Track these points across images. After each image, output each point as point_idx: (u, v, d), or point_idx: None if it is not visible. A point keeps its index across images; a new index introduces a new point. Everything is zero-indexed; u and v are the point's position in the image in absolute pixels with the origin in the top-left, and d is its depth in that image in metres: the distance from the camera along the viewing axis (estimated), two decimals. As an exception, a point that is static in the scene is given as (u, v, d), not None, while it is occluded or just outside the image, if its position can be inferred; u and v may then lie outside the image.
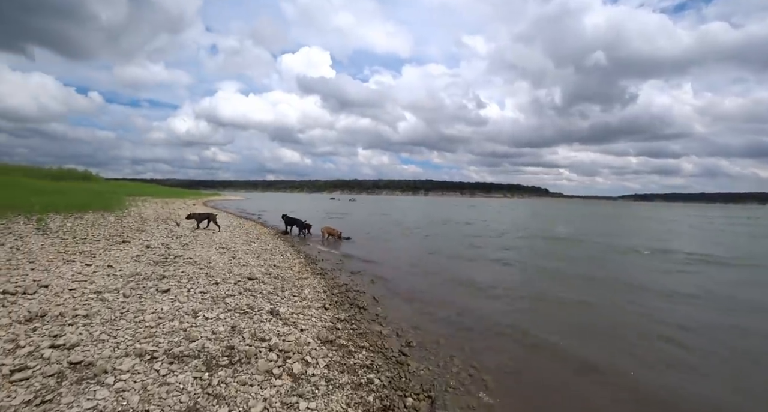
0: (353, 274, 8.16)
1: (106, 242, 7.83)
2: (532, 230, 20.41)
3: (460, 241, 14.71)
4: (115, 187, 38.27)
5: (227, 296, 5.04)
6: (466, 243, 13.95)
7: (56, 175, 35.47)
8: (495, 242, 14.65)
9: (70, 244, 7.19)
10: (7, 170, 28.88)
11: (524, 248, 13.64)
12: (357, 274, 8.18)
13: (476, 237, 16.24)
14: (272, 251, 9.54)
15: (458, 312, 5.90)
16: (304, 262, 8.75)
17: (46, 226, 8.47)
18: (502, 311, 6.12)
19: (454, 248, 12.67)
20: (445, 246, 13.18)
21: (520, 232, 19.48)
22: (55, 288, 4.63)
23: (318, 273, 7.67)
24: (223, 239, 10.38)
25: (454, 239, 15.26)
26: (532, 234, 18.57)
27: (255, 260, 7.90)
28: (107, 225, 9.77)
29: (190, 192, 70.86)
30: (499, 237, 16.61)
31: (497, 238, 16.29)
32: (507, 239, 16.06)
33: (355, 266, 9.03)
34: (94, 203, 14.10)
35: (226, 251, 8.34)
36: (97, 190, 28.57)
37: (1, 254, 6.03)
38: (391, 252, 11.67)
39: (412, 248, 12.75)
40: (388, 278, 8.02)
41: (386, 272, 8.70)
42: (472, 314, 5.82)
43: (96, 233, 8.59)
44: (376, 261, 9.95)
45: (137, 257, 6.68)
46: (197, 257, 7.29)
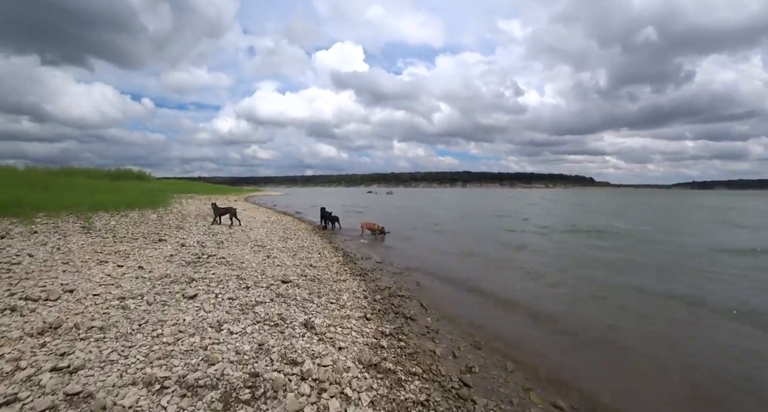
0: (396, 275, 7.42)
1: (143, 240, 7.68)
2: (580, 224, 18.10)
3: (504, 237, 13.40)
4: (166, 185, 40.46)
5: (257, 303, 4.48)
6: (512, 240, 12.64)
7: (114, 176, 38.05)
8: (543, 240, 13.21)
9: (109, 243, 7.06)
10: (72, 172, 31.27)
11: (577, 245, 11.90)
12: (400, 275, 7.43)
13: (521, 232, 14.83)
14: (309, 248, 9.03)
15: (521, 324, 4.97)
16: (342, 261, 8.14)
17: (91, 224, 8.51)
18: (582, 326, 5.09)
19: (498, 246, 11.52)
20: (489, 243, 12.05)
21: (566, 226, 17.43)
22: (79, 293, 4.30)
23: (357, 274, 7.01)
24: (260, 235, 10.05)
25: (497, 235, 14.01)
26: (581, 228, 16.35)
27: (290, 259, 7.39)
28: (148, 223, 9.76)
29: (233, 189, 73.93)
30: (546, 233, 14.81)
31: (544, 234, 14.55)
32: (556, 234, 14.34)
33: (398, 265, 8.28)
34: (142, 201, 14.49)
35: (261, 250, 7.91)
36: (148, 188, 30.16)
37: (40, 253, 5.94)
38: (434, 249, 10.80)
39: (455, 244, 11.78)
40: (434, 279, 7.20)
41: (431, 272, 7.88)
42: (539, 329, 4.87)
43: (136, 231, 8.52)
44: (420, 259, 9.15)
45: (170, 257, 6.36)
46: (231, 256, 6.89)
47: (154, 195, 20.04)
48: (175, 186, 41.09)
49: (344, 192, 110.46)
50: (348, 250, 9.87)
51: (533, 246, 11.24)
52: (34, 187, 15.11)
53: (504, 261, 9.07)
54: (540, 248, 10.88)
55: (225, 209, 11.71)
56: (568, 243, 12.06)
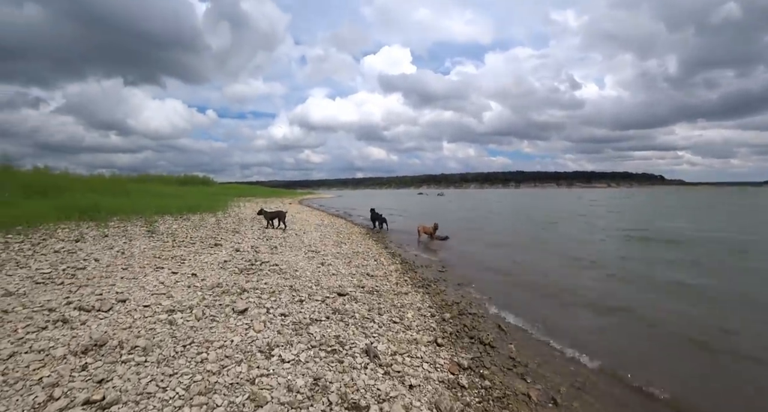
0: (461, 286, 6.58)
1: (200, 244, 7.64)
2: (657, 229, 14.92)
3: (571, 245, 11.70)
4: (227, 189, 43.10)
5: (312, 321, 3.94)
6: (582, 249, 10.95)
7: (183, 182, 41.30)
8: (618, 247, 11.42)
9: (167, 247, 7.06)
10: (147, 179, 34.35)
11: (660, 260, 9.44)
12: (466, 286, 6.57)
13: (589, 240, 13.05)
14: (365, 254, 8.48)
15: (627, 358, 3.90)
16: (401, 269, 7.46)
17: (154, 228, 8.74)
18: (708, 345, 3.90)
19: (567, 256, 10.03)
20: (556, 251, 10.57)
21: (641, 231, 14.38)
22: (131, 303, 4.07)
23: (420, 285, 6.27)
24: (313, 240, 9.73)
25: (563, 242, 12.38)
26: (663, 236, 12.96)
27: (346, 266, 6.87)
28: (206, 226, 9.89)
29: (288, 192, 77.16)
30: (622, 240, 12.62)
31: (620, 240, 12.44)
32: (634, 243, 12.08)
33: (461, 275, 7.42)
34: (203, 205, 15.10)
35: (315, 256, 7.51)
36: (212, 192, 32.13)
37: (105, 257, 6.00)
38: (497, 255, 9.73)
39: (519, 250, 10.55)
40: (505, 292, 6.24)
41: (499, 283, 6.92)
42: (651, 365, 3.77)
43: (194, 235, 8.58)
44: (484, 268, 8.20)
45: (223, 263, 6.13)
46: (284, 263, 6.53)
47: (215, 199, 21.07)
48: (235, 190, 43.59)
49: (395, 194, 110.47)
50: (406, 256, 9.18)
51: (608, 257, 9.63)
52: (115, 193, 16.49)
53: (575, 275, 7.78)
54: (618, 260, 9.29)
55: (275, 213, 11.54)
56: (648, 256, 10.19)
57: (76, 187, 14.45)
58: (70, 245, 6.77)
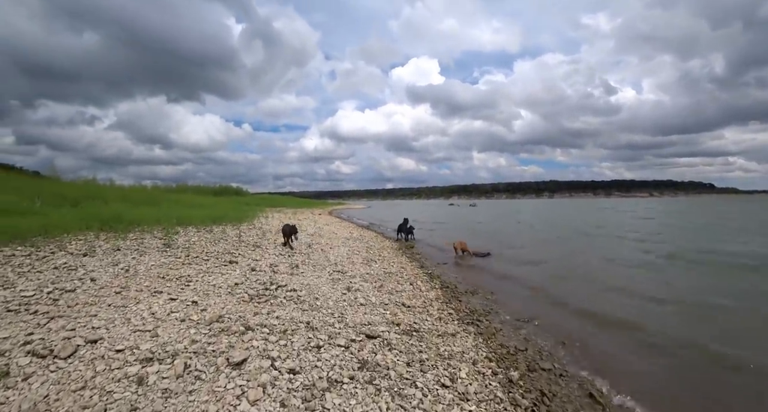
0: (520, 323, 5.24)
1: (214, 261, 6.81)
2: (733, 253, 11.49)
3: (633, 270, 9.61)
4: (259, 200, 43.57)
5: (331, 383, 2.83)
6: (645, 274, 8.83)
7: (217, 192, 42.24)
8: (688, 274, 9.27)
9: (177, 264, 6.27)
10: (184, 189, 35.26)
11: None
12: (526, 324, 5.23)
13: (648, 261, 10.91)
14: (398, 275, 7.33)
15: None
16: (442, 296, 6.22)
17: (171, 241, 8.07)
18: None
19: (634, 281, 8.29)
20: (619, 275, 8.78)
21: (709, 254, 11.15)
22: (102, 345, 3.16)
23: (468, 321, 5.01)
24: (340, 256, 8.71)
25: (622, 263, 10.55)
26: (732, 259, 10.28)
27: (376, 292, 5.74)
28: (227, 240, 9.14)
29: (318, 202, 77.65)
30: (690, 264, 9.83)
31: (687, 265, 9.76)
32: (703, 268, 9.39)
33: (517, 306, 6.07)
34: (230, 216, 14.59)
35: (341, 277, 6.45)
36: (244, 202, 32.33)
37: (104, 277, 5.25)
38: (549, 277, 8.24)
39: (574, 273, 8.94)
40: (581, 336, 4.83)
41: (567, 319, 5.53)
42: None
43: (211, 249, 7.81)
44: (539, 295, 6.80)
45: (233, 287, 5.19)
46: (304, 287, 5.51)
47: (244, 210, 20.77)
48: (267, 201, 44.01)
49: (425, 204, 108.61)
50: (445, 278, 7.91)
51: (683, 288, 7.71)
52: (147, 203, 16.47)
53: (655, 313, 6.17)
54: (695, 292, 7.43)
55: (290, 229, 9.60)
56: (730, 285, 8.13)
57: (111, 197, 14.44)
58: (75, 259, 6.13)
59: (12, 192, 11.25)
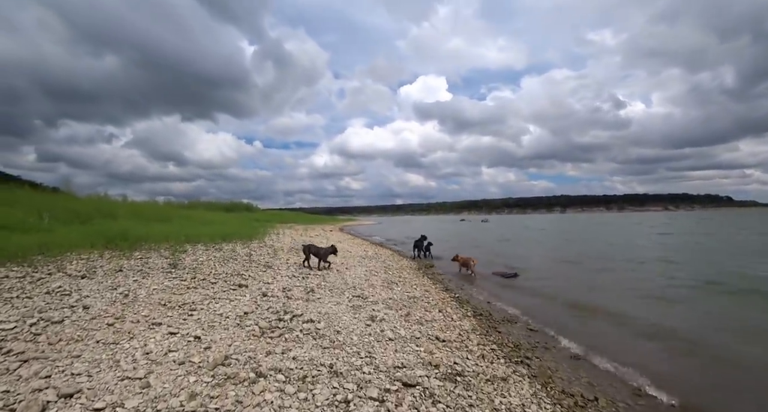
0: (576, 360, 4.45)
1: (222, 284, 6.19)
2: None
3: (672, 289, 8.95)
4: (270, 216, 43.35)
5: (369, 463, 2.14)
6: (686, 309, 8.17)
7: (228, 208, 42.19)
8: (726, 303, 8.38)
9: (181, 288, 5.66)
10: (195, 205, 35.24)
11: None
12: (583, 361, 4.44)
13: (682, 285, 10.01)
14: (424, 301, 6.60)
15: None
16: (477, 326, 5.45)
17: (177, 261, 7.50)
18: None
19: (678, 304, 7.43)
20: (662, 296, 7.95)
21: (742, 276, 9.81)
22: (79, 401, 2.53)
23: (516, 359, 4.22)
24: (358, 278, 8.02)
25: (659, 283, 9.64)
26: None
27: (404, 322, 5.02)
28: (236, 259, 8.54)
29: (329, 218, 77.28)
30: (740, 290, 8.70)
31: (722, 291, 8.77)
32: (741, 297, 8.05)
33: (564, 336, 5.27)
34: (240, 233, 14.08)
35: (362, 304, 5.75)
36: (254, 218, 32.01)
37: (99, 303, 4.67)
38: (587, 302, 7.40)
39: (619, 297, 8.07)
40: (644, 372, 4.03)
41: (620, 350, 4.71)
42: None
43: (219, 270, 7.21)
44: (584, 321, 5.98)
45: (242, 317, 4.54)
46: (322, 316, 4.82)
47: (254, 226, 20.30)
48: (278, 217, 43.76)
49: (436, 220, 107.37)
50: (475, 303, 7.14)
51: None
52: (159, 219, 16.09)
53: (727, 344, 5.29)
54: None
55: (324, 249, 8.97)
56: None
57: (123, 213, 14.10)
58: (72, 282, 5.58)
59: (22, 208, 10.96)
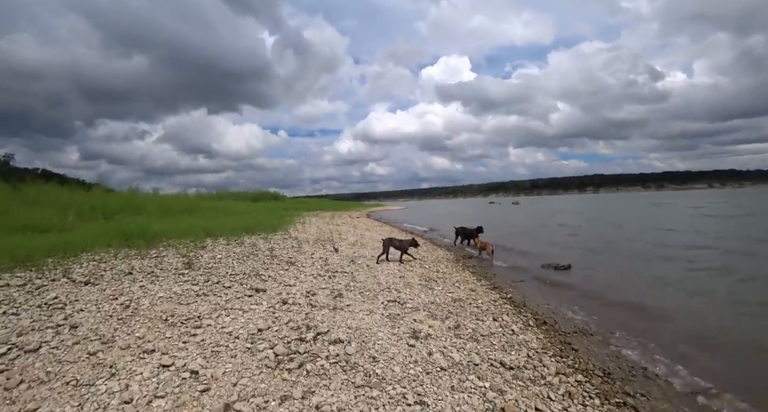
0: (693, 395, 3.30)
1: (238, 288, 5.39)
2: None
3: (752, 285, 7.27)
4: (297, 204, 43.26)
5: None
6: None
7: (255, 197, 42.39)
8: None
9: (190, 296, 4.90)
10: (223, 196, 35.49)
11: None
12: (710, 396, 3.28)
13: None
14: (472, 305, 5.55)
15: None
16: (548, 344, 4.34)
17: (191, 260, 6.81)
18: None
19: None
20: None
21: None
22: None
23: (619, 402, 3.12)
24: (391, 275, 7.05)
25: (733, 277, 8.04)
26: None
27: (454, 341, 3.99)
28: (257, 255, 7.78)
29: (355, 204, 76.91)
30: None
31: None
32: None
33: (661, 354, 4.09)
34: (263, 224, 13.46)
35: (400, 312, 4.77)
36: (282, 207, 31.81)
37: (89, 321, 3.95)
38: (661, 303, 6.10)
39: (685, 295, 6.69)
40: None
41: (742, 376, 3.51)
42: None
43: (237, 269, 6.44)
44: (675, 332, 4.76)
45: (256, 337, 3.67)
46: (353, 333, 3.88)
47: (280, 215, 19.79)
48: (304, 204, 43.61)
49: (464, 204, 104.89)
50: (532, 305, 6.00)
51: None
52: (186, 211, 15.78)
53: None
54: None
55: (390, 241, 8.78)
56: None
57: (151, 207, 13.82)
58: (72, 290, 4.95)
59: (51, 206, 10.73)
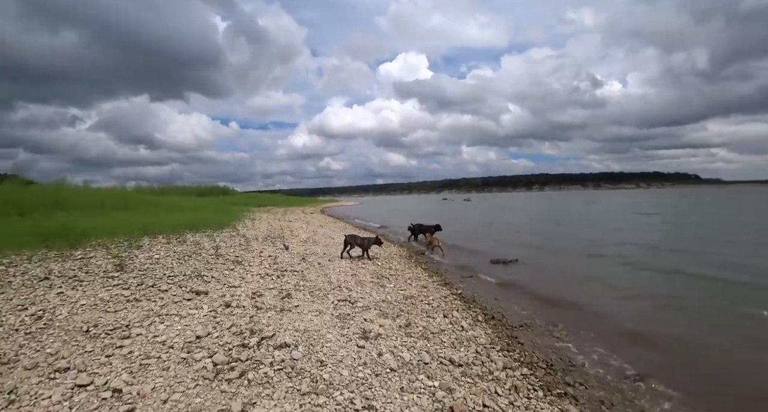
0: (628, 383, 3.57)
1: (175, 291, 4.97)
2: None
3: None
4: (247, 199, 41.37)
5: None
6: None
7: (203, 192, 39.85)
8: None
9: (120, 302, 4.42)
10: (167, 190, 32.92)
11: None
12: (631, 381, 3.56)
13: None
14: (423, 302, 5.60)
15: None
16: (496, 338, 4.47)
17: (122, 261, 6.17)
18: None
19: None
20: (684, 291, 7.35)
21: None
22: None
23: (560, 392, 3.27)
24: (343, 273, 6.93)
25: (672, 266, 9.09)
26: None
27: (405, 339, 3.98)
28: (200, 254, 7.27)
29: (309, 200, 75.42)
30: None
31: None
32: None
33: (597, 345, 4.40)
34: (210, 220, 12.66)
35: (350, 313, 4.67)
36: (231, 202, 30.20)
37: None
38: (603, 297, 6.65)
39: (629, 285, 7.37)
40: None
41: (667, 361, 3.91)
42: None
43: (176, 271, 5.95)
44: (612, 327, 5.17)
45: (193, 344, 3.38)
46: (300, 336, 3.72)
47: (229, 211, 18.78)
48: (256, 200, 41.82)
49: (418, 200, 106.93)
50: (481, 300, 6.20)
51: None
52: (123, 207, 14.34)
53: None
54: None
55: (354, 238, 8.95)
56: None
57: (81, 202, 12.40)
58: (-30, 300, 4.26)
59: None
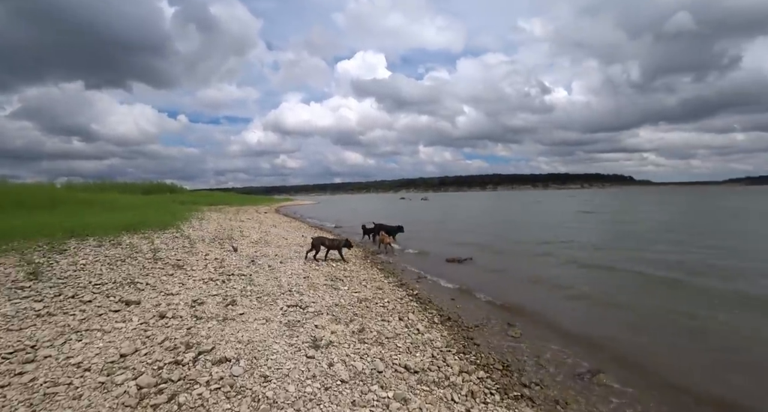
0: (583, 382, 3.65)
1: (103, 300, 4.40)
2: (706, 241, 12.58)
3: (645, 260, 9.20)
4: (197, 197, 38.90)
5: None
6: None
7: (147, 189, 36.84)
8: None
9: (27, 319, 3.80)
10: (105, 187, 29.96)
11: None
12: (583, 379, 3.67)
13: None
14: (378, 305, 5.46)
15: None
16: (452, 341, 4.41)
17: (38, 270, 5.38)
18: None
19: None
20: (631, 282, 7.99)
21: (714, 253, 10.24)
22: None
23: (516, 395, 3.23)
24: (295, 276, 6.61)
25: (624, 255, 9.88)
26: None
27: (358, 346, 3.81)
28: (135, 258, 6.57)
29: (264, 199, 72.66)
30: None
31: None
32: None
33: (549, 343, 4.52)
34: (151, 220, 11.62)
35: (300, 319, 4.40)
36: (178, 201, 28.15)
37: None
38: (553, 294, 6.95)
39: (595, 287, 7.80)
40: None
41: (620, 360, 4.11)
42: None
43: (107, 277, 5.30)
44: (562, 322, 5.38)
45: (114, 365, 2.95)
46: (243, 348, 3.40)
47: (174, 211, 17.45)
48: (206, 198, 39.49)
49: (376, 199, 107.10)
50: (438, 301, 6.18)
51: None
52: (40, 206, 12.76)
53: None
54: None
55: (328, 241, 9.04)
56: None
57: None
58: None
59: None
